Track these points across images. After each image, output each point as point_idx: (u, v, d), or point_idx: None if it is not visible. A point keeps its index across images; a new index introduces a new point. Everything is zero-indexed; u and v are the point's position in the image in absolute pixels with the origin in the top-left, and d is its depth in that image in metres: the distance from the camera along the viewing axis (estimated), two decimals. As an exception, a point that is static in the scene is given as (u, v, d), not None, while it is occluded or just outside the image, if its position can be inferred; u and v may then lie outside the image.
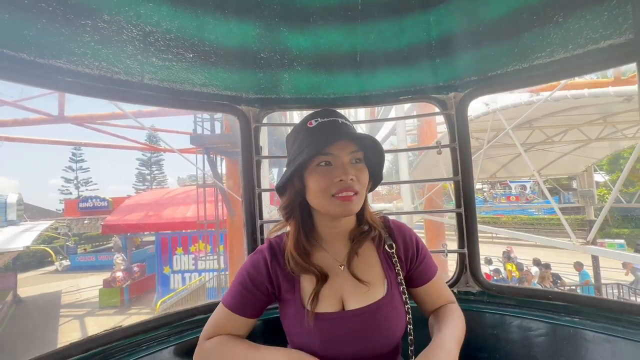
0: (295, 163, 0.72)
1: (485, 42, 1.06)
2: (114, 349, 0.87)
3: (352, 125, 0.78)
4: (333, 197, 0.70)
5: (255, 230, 1.16)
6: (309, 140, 0.73)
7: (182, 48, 1.00)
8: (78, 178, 35.96)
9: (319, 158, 0.72)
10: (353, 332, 0.71)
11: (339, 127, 0.74)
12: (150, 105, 1.03)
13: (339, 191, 0.70)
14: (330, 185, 0.71)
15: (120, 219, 11.53)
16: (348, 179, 0.70)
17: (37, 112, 7.87)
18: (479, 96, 1.18)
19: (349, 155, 0.73)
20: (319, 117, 0.76)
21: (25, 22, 0.75)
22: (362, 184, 0.73)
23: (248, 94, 1.18)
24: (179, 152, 6.25)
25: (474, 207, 1.18)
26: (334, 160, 0.72)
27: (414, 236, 0.84)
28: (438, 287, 0.83)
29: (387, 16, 1.09)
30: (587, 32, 0.89)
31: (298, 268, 0.75)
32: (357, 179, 0.72)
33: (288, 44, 1.12)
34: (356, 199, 0.71)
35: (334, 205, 0.71)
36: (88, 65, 0.87)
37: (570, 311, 0.99)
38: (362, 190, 0.73)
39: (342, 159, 0.72)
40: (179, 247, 10.83)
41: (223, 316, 0.76)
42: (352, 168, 0.72)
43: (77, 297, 12.66)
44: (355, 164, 0.74)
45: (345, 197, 0.70)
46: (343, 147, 0.72)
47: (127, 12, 0.87)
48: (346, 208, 0.71)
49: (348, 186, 0.70)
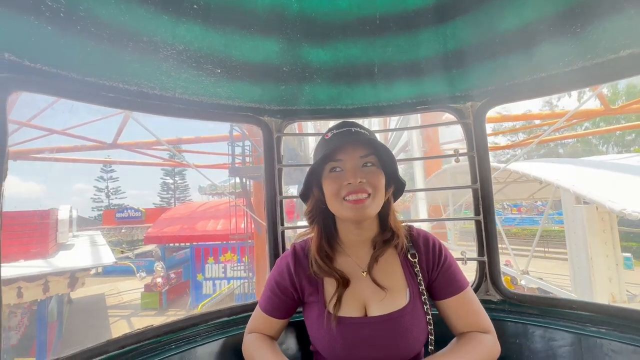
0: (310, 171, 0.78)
1: (501, 53, 1.08)
2: (146, 347, 0.92)
3: (367, 132, 0.78)
4: (344, 201, 0.73)
5: (277, 235, 1.21)
6: (323, 150, 0.77)
7: (211, 64, 1.07)
8: (109, 187, 39.43)
9: (330, 165, 0.76)
10: (375, 339, 0.72)
11: (350, 135, 0.76)
12: (181, 118, 1.11)
13: (348, 194, 0.72)
14: (340, 188, 0.73)
15: (160, 231, 13.04)
16: (356, 182, 0.71)
17: (93, 140, 8.86)
18: (496, 105, 1.20)
19: (358, 159, 0.74)
20: (335, 129, 0.80)
21: (77, 45, 0.83)
22: (374, 186, 0.73)
23: (271, 105, 1.24)
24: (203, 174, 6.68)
25: (493, 214, 1.18)
26: (343, 165, 0.75)
27: (438, 246, 0.82)
28: (465, 305, 0.78)
29: (404, 30, 1.13)
30: (605, 41, 0.90)
31: (320, 271, 0.78)
32: (368, 181, 0.72)
33: (309, 58, 1.18)
34: (369, 202, 0.72)
35: (346, 208, 0.73)
36: (128, 82, 0.95)
37: (596, 321, 0.97)
38: (375, 192, 0.73)
39: (350, 163, 0.74)
40: (211, 257, 12.28)
41: (259, 316, 0.85)
42: (361, 171, 0.73)
43: (119, 299, 14.10)
44: (366, 167, 0.75)
45: (355, 200, 0.72)
46: (351, 152, 0.75)
47: (163, 34, 0.95)
48: (358, 211, 0.72)
49: (358, 189, 0.72)
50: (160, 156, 11.61)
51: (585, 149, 28.65)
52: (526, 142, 10.55)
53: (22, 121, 7.66)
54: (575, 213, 5.20)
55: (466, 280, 0.81)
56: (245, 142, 9.45)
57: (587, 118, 8.22)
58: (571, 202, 5.25)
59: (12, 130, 5.87)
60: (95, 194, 39.84)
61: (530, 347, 1.03)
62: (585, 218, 4.97)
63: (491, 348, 0.73)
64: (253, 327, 0.86)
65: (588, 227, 4.96)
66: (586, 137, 22.70)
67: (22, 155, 8.75)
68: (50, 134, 8.03)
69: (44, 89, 0.85)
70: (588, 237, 4.94)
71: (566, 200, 5.45)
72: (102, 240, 10.24)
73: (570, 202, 5.27)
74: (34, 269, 6.30)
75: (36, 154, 8.75)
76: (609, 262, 4.93)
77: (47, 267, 6.56)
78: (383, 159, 0.77)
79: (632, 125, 9.72)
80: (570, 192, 4.94)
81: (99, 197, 39.75)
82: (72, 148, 9.42)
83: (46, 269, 6.48)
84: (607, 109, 6.78)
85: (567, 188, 4.90)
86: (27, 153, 8.71)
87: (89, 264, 7.30)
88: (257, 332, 0.84)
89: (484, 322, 0.78)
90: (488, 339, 0.75)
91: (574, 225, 5.25)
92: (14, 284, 6.05)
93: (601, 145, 28.71)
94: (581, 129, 16.53)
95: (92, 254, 8.02)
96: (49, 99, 8.01)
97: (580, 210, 5.07)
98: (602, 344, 0.92)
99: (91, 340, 0.85)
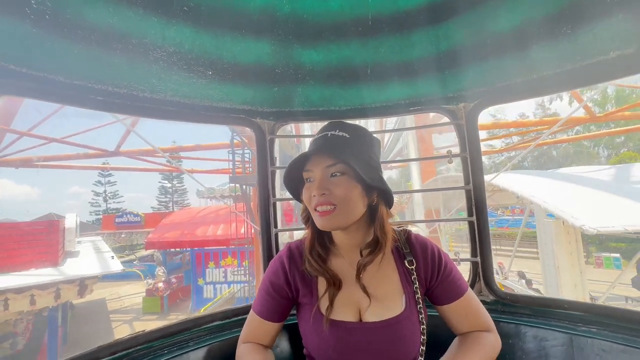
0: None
1: (493, 54, 1.08)
2: (138, 352, 0.91)
3: (347, 134, 0.76)
4: (315, 211, 0.73)
5: (270, 237, 1.20)
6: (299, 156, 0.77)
7: (202, 66, 1.06)
8: (107, 191, 39.82)
9: (304, 174, 0.77)
10: (368, 345, 0.72)
11: (321, 143, 0.75)
12: (172, 120, 1.09)
13: (315, 206, 0.73)
14: (310, 200, 0.74)
15: (161, 237, 13.14)
16: (319, 194, 0.72)
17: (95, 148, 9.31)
18: (488, 106, 1.20)
19: (324, 169, 0.73)
20: (320, 132, 0.79)
21: (64, 48, 0.82)
22: (340, 197, 0.71)
23: (263, 107, 1.24)
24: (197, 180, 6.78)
25: (485, 215, 1.19)
26: (313, 176, 0.75)
27: (437, 253, 0.81)
28: (466, 307, 0.79)
29: (397, 31, 1.13)
30: (595, 43, 0.90)
31: (313, 270, 0.78)
32: (332, 192, 0.71)
33: (301, 59, 1.17)
34: (335, 213, 0.71)
35: (316, 219, 0.74)
36: (117, 85, 0.94)
37: (587, 321, 0.98)
38: (342, 204, 0.71)
39: (318, 174, 0.74)
40: (211, 262, 12.43)
41: (253, 321, 0.83)
42: (328, 182, 0.72)
43: (120, 304, 14.24)
44: (334, 178, 0.73)
45: (321, 212, 0.72)
46: (317, 163, 0.74)
47: (153, 36, 0.93)
48: (325, 222, 0.72)
49: (322, 201, 0.71)
50: (159, 162, 11.86)
51: (576, 150, 29.34)
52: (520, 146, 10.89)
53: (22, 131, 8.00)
54: (545, 226, 5.90)
55: (466, 283, 0.81)
56: (245, 150, 9.65)
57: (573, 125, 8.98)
58: (542, 216, 5.96)
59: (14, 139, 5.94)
60: (94, 198, 40.20)
61: (522, 347, 1.04)
62: (553, 231, 5.67)
63: (494, 346, 0.77)
64: (247, 334, 0.83)
65: (555, 239, 5.65)
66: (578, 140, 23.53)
67: (26, 163, 9.12)
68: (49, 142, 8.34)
69: (31, 93, 0.84)
70: (555, 247, 5.64)
71: (538, 213, 6.20)
72: (106, 247, 10.39)
73: (542, 216, 5.99)
74: (45, 277, 6.50)
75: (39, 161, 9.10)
76: (574, 271, 5.63)
77: (58, 275, 6.77)
78: (356, 166, 0.71)
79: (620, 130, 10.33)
80: (541, 207, 5.51)
81: (97, 202, 40.13)
82: (75, 156, 9.73)
83: (58, 277, 6.69)
84: (592, 117, 7.64)
85: (539, 204, 5.44)
86: (31, 161, 9.05)
87: (97, 271, 7.46)
88: (252, 342, 0.82)
89: (485, 320, 0.80)
90: (490, 337, 0.78)
91: (544, 236, 5.91)
92: (27, 292, 6.26)
93: (592, 147, 29.28)
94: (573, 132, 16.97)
95: (99, 261, 8.16)
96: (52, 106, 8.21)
97: (549, 224, 5.77)
98: (592, 343, 0.93)
99: (96, 344, 0.85)
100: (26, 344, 7.97)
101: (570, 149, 29.63)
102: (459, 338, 0.79)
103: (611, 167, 7.52)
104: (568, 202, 5.08)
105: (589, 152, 29.08)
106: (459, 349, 0.75)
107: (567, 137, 11.97)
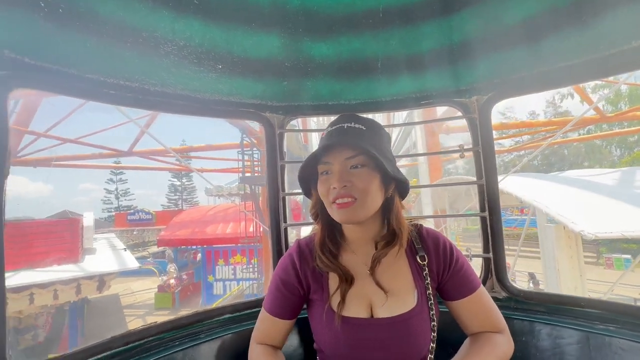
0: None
1: (507, 45, 1.06)
2: (150, 343, 0.92)
3: (363, 126, 0.75)
4: (333, 204, 0.72)
5: (280, 232, 1.20)
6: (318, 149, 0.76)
7: (212, 60, 1.06)
8: (118, 189, 41.40)
9: (320, 167, 0.75)
10: (380, 341, 0.71)
11: (339, 135, 0.74)
12: (182, 114, 1.10)
13: (334, 198, 0.71)
14: (328, 192, 0.73)
15: (172, 235, 13.60)
16: (341, 186, 0.70)
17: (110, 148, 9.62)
18: (502, 99, 1.17)
19: (344, 161, 0.72)
20: (332, 125, 0.78)
21: (77, 41, 0.83)
22: (361, 189, 0.71)
23: (273, 101, 1.23)
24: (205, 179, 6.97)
25: (498, 210, 1.16)
26: (331, 168, 0.74)
27: (449, 247, 0.80)
28: (478, 305, 0.77)
29: (408, 23, 1.11)
30: (616, 32, 0.87)
31: (324, 266, 0.77)
32: (354, 185, 0.71)
33: (311, 52, 1.16)
34: (355, 206, 0.70)
35: (335, 212, 0.73)
36: (129, 79, 0.95)
37: (604, 319, 0.95)
38: (363, 196, 0.71)
39: (337, 167, 0.73)
40: (221, 259, 12.77)
41: (265, 319, 0.82)
42: (348, 174, 0.72)
43: (133, 299, 14.65)
44: (354, 170, 0.72)
45: (340, 204, 0.71)
46: (337, 154, 0.73)
47: (163, 29, 0.94)
48: (344, 215, 0.71)
49: (343, 193, 0.70)
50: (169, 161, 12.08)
51: (588, 149, 28.72)
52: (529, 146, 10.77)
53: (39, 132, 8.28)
54: (546, 230, 6.03)
55: (478, 280, 0.80)
56: (254, 150, 9.81)
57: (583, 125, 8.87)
58: (544, 221, 6.12)
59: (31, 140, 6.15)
60: (106, 195, 41.85)
61: (536, 345, 1.02)
62: (554, 235, 5.82)
63: (505, 349, 0.74)
64: (260, 333, 0.83)
65: (556, 243, 5.79)
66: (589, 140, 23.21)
67: (43, 163, 9.42)
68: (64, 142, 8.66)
69: (44, 86, 0.85)
70: (556, 251, 5.78)
71: (540, 218, 6.36)
72: (120, 244, 10.77)
73: (543, 221, 6.15)
74: (67, 273, 6.86)
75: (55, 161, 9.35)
76: (574, 273, 5.77)
77: (78, 271, 7.13)
78: (376, 157, 0.72)
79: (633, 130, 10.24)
80: (543, 212, 5.67)
81: (109, 199, 41.77)
82: (89, 155, 10.05)
83: (79, 273, 7.05)
84: (602, 117, 7.63)
85: (541, 209, 5.58)
86: (48, 160, 9.34)
87: (115, 268, 7.80)
88: (265, 343, 0.81)
89: (497, 321, 0.78)
90: (502, 339, 0.75)
91: (546, 240, 6.04)
92: (51, 287, 6.60)
93: (605, 146, 28.60)
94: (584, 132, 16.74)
95: (115, 258, 8.52)
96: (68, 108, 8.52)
97: (550, 228, 5.90)
98: (610, 342, 0.90)
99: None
100: (46, 336, 8.36)
101: (582, 148, 29.03)
102: (470, 339, 0.78)
103: (617, 170, 7.53)
104: (569, 206, 5.14)
105: (601, 151, 28.42)
106: (470, 350, 0.74)
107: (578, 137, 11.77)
